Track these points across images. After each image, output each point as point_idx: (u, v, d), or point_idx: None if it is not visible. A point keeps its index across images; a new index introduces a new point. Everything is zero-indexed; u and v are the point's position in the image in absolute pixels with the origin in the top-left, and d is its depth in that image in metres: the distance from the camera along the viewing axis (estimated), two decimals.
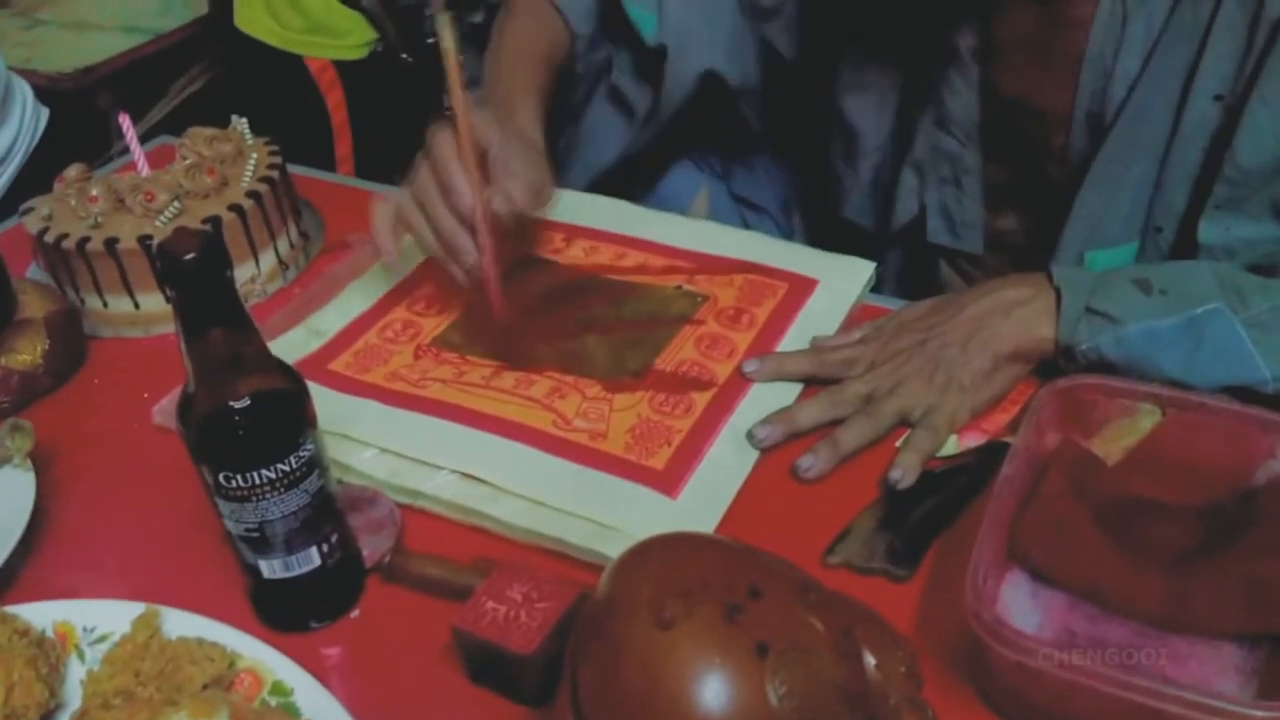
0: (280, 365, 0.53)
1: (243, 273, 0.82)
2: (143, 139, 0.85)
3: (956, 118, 0.80)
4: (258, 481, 0.51)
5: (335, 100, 1.31)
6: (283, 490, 0.52)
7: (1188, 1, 0.67)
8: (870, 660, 0.44)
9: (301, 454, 0.52)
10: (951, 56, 0.77)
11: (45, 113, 1.06)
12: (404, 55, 1.31)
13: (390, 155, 1.11)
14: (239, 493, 0.52)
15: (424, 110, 1.28)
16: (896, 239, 0.88)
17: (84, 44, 1.61)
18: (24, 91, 1.04)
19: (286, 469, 0.52)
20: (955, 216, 0.84)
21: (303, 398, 0.53)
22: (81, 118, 1.35)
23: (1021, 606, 0.55)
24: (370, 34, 1.31)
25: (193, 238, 0.48)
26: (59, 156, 1.03)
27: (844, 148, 0.89)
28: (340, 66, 1.30)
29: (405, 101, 1.31)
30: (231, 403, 0.50)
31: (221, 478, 0.51)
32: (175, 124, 1.16)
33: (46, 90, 1.24)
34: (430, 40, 1.28)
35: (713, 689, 0.37)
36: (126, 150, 0.85)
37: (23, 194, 0.99)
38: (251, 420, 0.51)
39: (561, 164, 1.00)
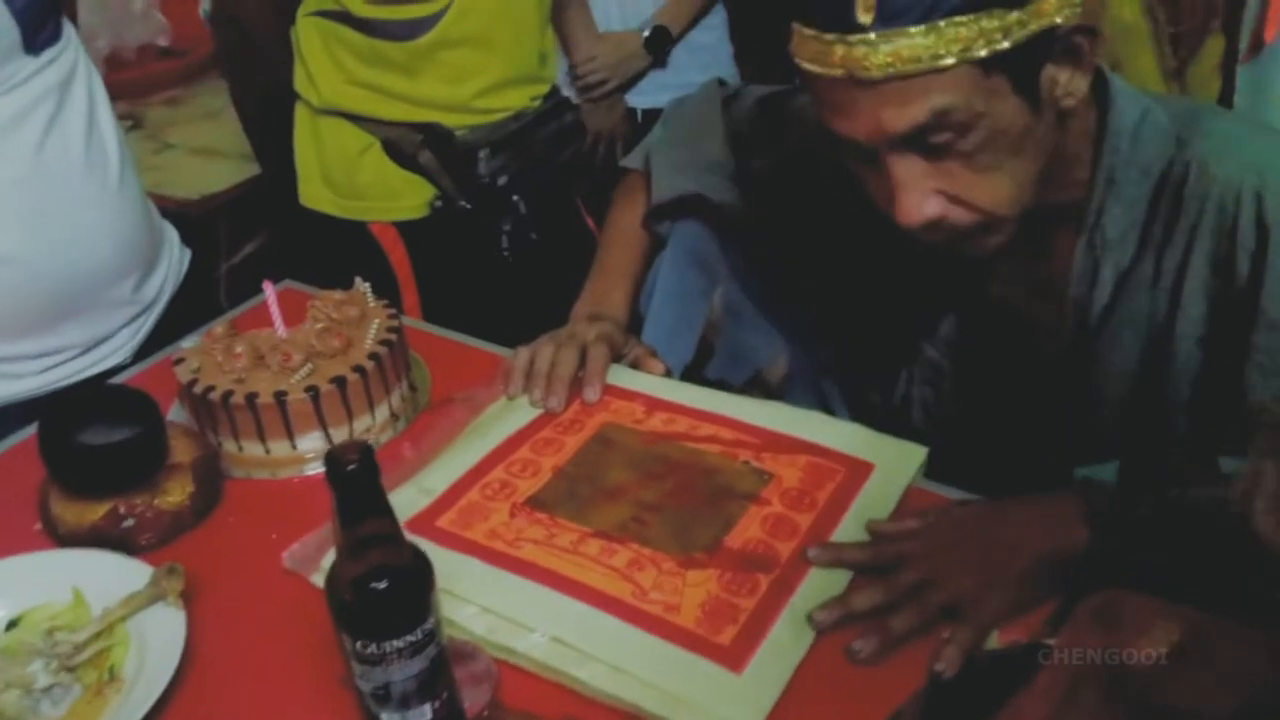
0: (413, 549, 0.62)
1: (359, 425, 0.93)
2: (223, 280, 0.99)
3: (941, 332, 0.90)
4: (388, 650, 0.60)
5: (399, 256, 1.38)
6: (408, 657, 0.61)
7: (1148, 257, 0.78)
8: None
9: (426, 626, 0.61)
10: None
11: (188, 255, 1.19)
12: (462, 203, 1.36)
13: (456, 301, 1.22)
14: (371, 657, 0.60)
15: (486, 253, 1.37)
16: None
17: (208, 170, 1.78)
18: (171, 237, 1.18)
19: (413, 639, 0.61)
20: (933, 412, 0.94)
21: (429, 577, 0.62)
22: (203, 243, 1.46)
23: None
24: (428, 191, 1.35)
25: (354, 449, 0.58)
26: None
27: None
28: (401, 225, 1.37)
29: (467, 247, 1.38)
30: (373, 583, 0.59)
31: (359, 644, 0.60)
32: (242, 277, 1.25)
33: (175, 215, 1.38)
34: (485, 182, 1.35)
35: None
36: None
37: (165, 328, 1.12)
38: (387, 598, 0.60)
39: None
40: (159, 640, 0.73)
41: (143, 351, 1.10)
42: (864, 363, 1.04)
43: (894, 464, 0.85)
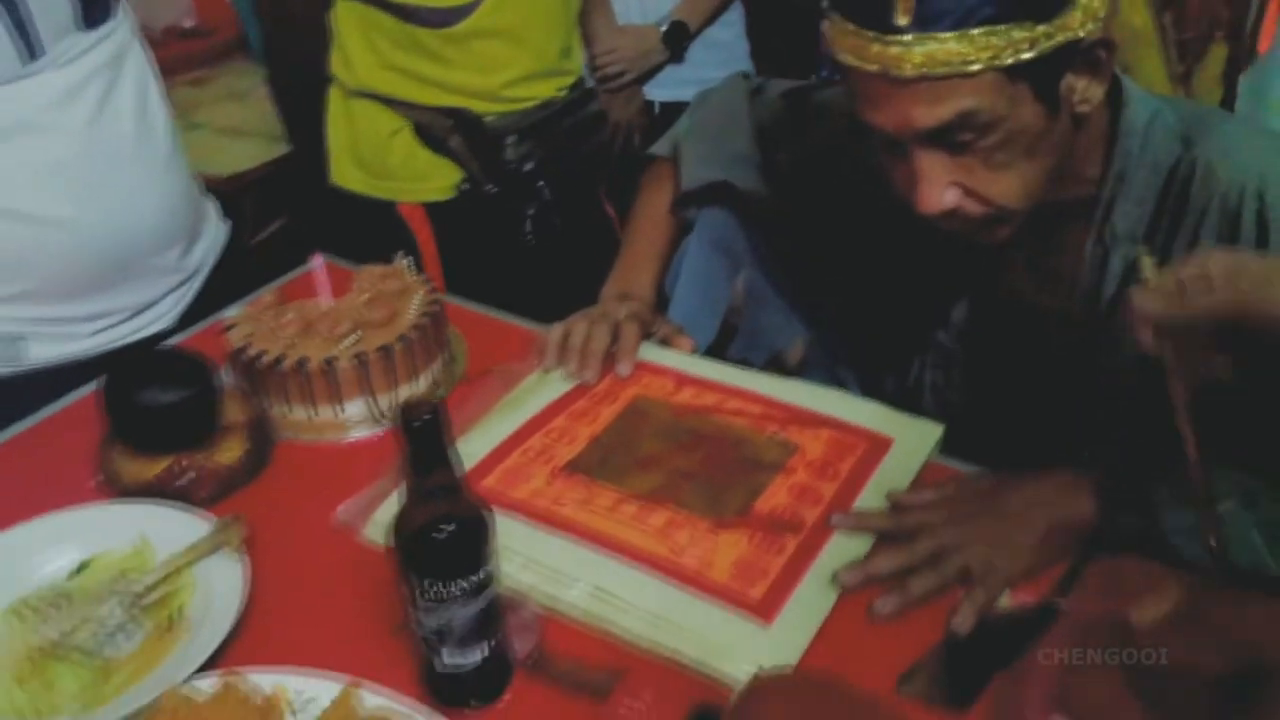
0: (475, 497, 0.67)
1: (402, 392, 0.97)
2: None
3: (954, 321, 0.95)
4: (452, 591, 0.65)
5: (425, 236, 1.42)
6: (469, 597, 0.66)
7: (1155, 250, 0.82)
8: None
9: (485, 570, 0.66)
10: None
11: (227, 227, 1.24)
12: (489, 187, 1.40)
13: (479, 281, 1.27)
14: (436, 597, 0.65)
15: (509, 236, 1.41)
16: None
17: (234, 149, 1.81)
18: (213, 209, 1.22)
19: (475, 579, 0.65)
20: (944, 398, 0.99)
21: (489, 525, 0.67)
22: (231, 219, 1.49)
23: None
24: (456, 175, 1.40)
25: (425, 404, 0.62)
26: None
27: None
28: (428, 206, 1.42)
29: (491, 230, 1.43)
30: (441, 527, 0.64)
31: (424, 585, 0.65)
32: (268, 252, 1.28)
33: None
34: (511, 168, 1.40)
35: None
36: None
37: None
38: (453, 542, 0.65)
39: None
40: (222, 586, 0.77)
41: (185, 319, 1.14)
42: (879, 348, 1.09)
43: (912, 439, 0.90)
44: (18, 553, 0.81)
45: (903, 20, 0.73)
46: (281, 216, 1.75)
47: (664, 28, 1.73)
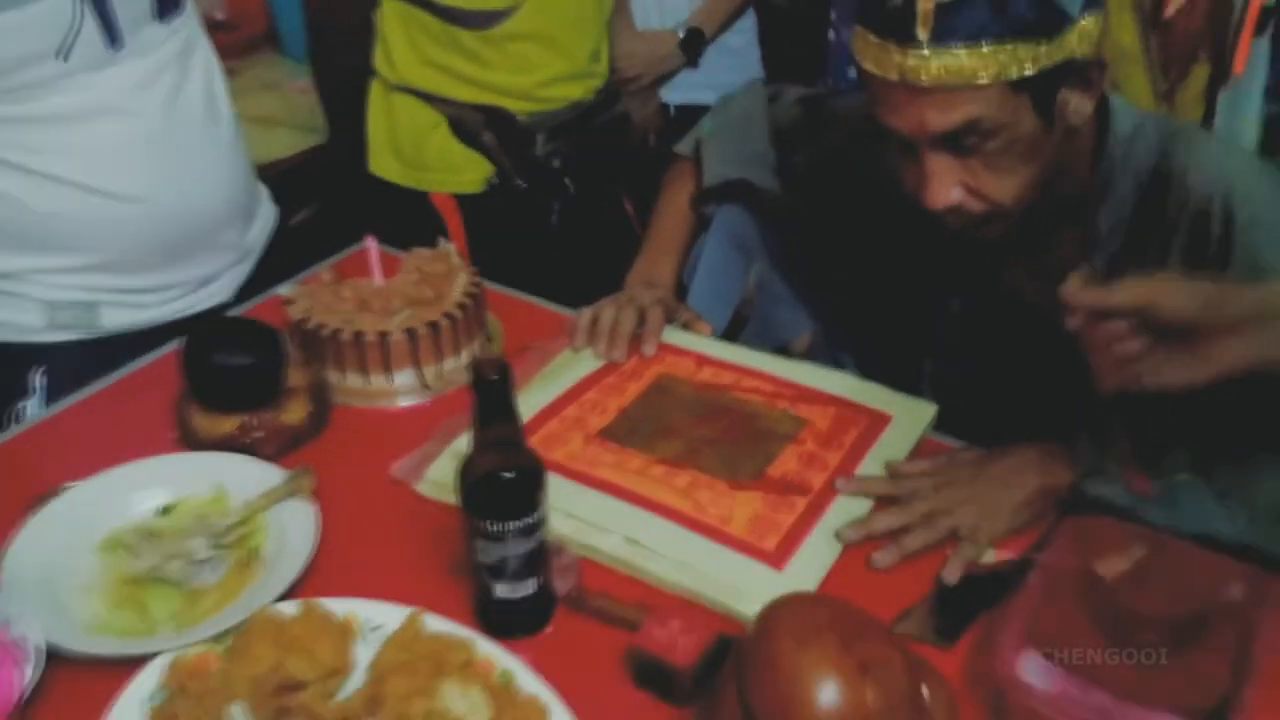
0: (531, 450, 0.77)
1: (446, 365, 1.07)
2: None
3: (953, 313, 1.04)
4: (509, 529, 0.75)
5: (455, 225, 1.51)
6: (523, 536, 0.75)
7: (1134, 247, 0.92)
8: (925, 692, 0.66)
9: (538, 513, 0.76)
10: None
11: (276, 211, 1.33)
12: (518, 181, 1.49)
13: (505, 270, 1.36)
14: (494, 534, 0.75)
15: (535, 228, 1.51)
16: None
17: (268, 138, 1.90)
18: (266, 193, 1.31)
19: (529, 521, 0.75)
20: (941, 385, 1.09)
21: (542, 474, 0.76)
22: None
23: (1033, 675, 0.76)
24: (487, 168, 1.49)
25: (495, 365, 0.72)
26: None
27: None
28: (460, 197, 1.51)
29: (519, 221, 1.52)
30: (503, 472, 0.74)
31: (486, 523, 0.75)
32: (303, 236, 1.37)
33: None
34: (540, 164, 1.49)
35: (830, 687, 0.60)
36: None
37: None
38: (513, 486, 0.74)
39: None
40: (294, 528, 0.87)
41: (242, 293, 1.23)
42: (881, 339, 1.18)
43: (909, 416, 1.00)
44: (111, 495, 0.90)
45: (922, 35, 0.82)
46: (311, 203, 1.84)
47: (681, 34, 1.82)
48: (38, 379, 1.11)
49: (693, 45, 1.82)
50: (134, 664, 0.75)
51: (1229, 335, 0.74)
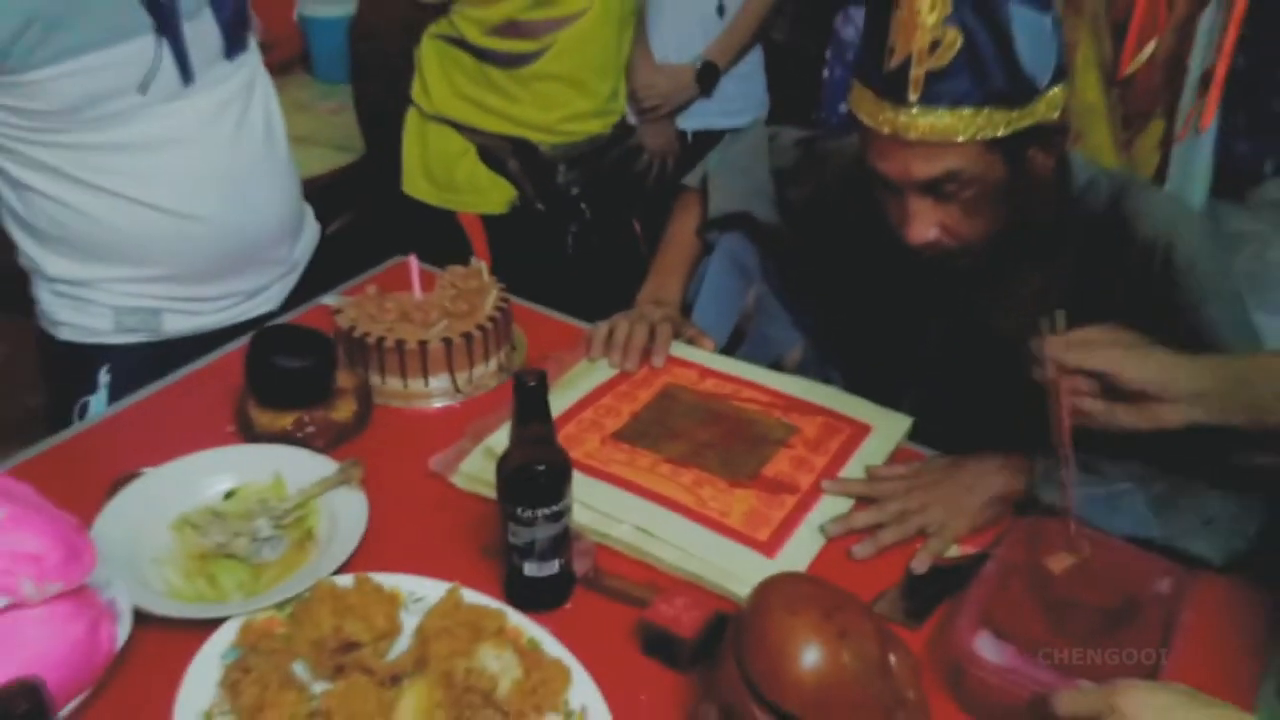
0: (560, 447, 0.89)
1: (476, 371, 1.19)
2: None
3: (931, 338, 1.16)
4: (539, 515, 0.87)
5: (480, 243, 1.64)
6: (551, 522, 0.87)
7: (1088, 286, 1.04)
8: (893, 659, 0.78)
9: (564, 502, 0.88)
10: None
11: (318, 228, 1.45)
12: (539, 205, 1.63)
13: (525, 283, 1.49)
14: (526, 519, 0.87)
15: (553, 249, 1.63)
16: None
17: (300, 156, 2.01)
18: (310, 211, 1.44)
19: (556, 508, 0.87)
20: (919, 401, 1.20)
21: (569, 468, 0.88)
22: None
23: (986, 651, 0.88)
24: (510, 193, 1.64)
25: (534, 374, 0.84)
26: None
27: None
28: (485, 218, 1.65)
29: (538, 242, 1.65)
30: (536, 465, 0.86)
31: (519, 510, 0.87)
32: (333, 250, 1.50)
33: None
34: (560, 191, 1.62)
35: (813, 649, 0.72)
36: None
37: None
38: (544, 477, 0.86)
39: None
40: (345, 513, 0.99)
41: (287, 302, 1.35)
42: (866, 357, 1.31)
43: (888, 427, 1.13)
44: (180, 480, 1.02)
45: (913, 98, 0.95)
46: (342, 217, 1.96)
47: (697, 66, 1.95)
48: (103, 376, 1.23)
49: (708, 77, 1.95)
50: (208, 626, 0.86)
51: (1174, 402, 0.87)
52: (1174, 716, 0.63)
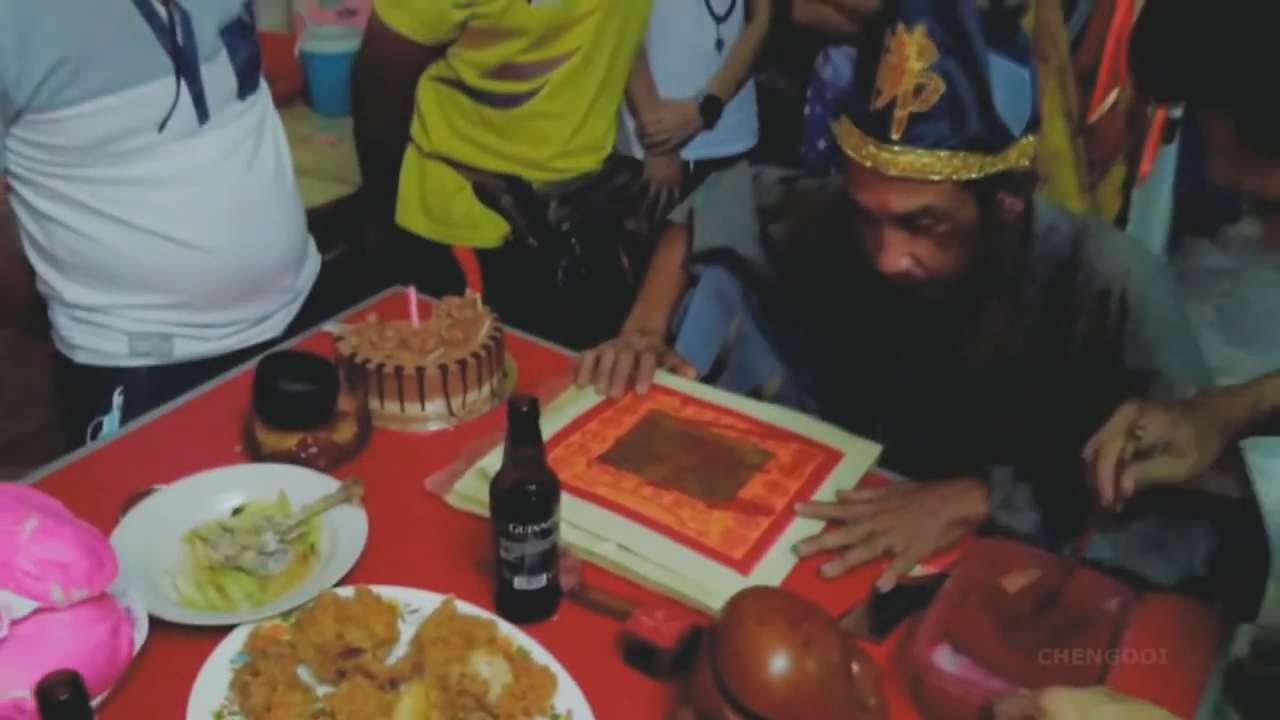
0: (550, 468, 0.95)
1: (470, 397, 1.25)
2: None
3: (903, 368, 1.23)
4: (529, 531, 0.93)
5: (474, 275, 1.71)
6: (539, 538, 0.94)
7: (1049, 322, 1.11)
8: (856, 667, 0.84)
9: (552, 520, 0.94)
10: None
11: (319, 258, 1.52)
12: (531, 240, 1.71)
13: (516, 314, 1.56)
14: (517, 535, 0.93)
15: (544, 282, 1.70)
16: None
17: (303, 188, 2.08)
18: (312, 243, 1.51)
19: (544, 525, 0.94)
20: (889, 429, 1.28)
21: (557, 488, 0.95)
22: None
23: (944, 662, 0.94)
24: (504, 228, 1.71)
25: (526, 398, 0.91)
26: None
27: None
28: (478, 251, 1.72)
29: (530, 275, 1.72)
30: (527, 485, 0.93)
31: (511, 526, 0.93)
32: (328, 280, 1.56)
33: None
34: (551, 226, 1.70)
35: (781, 656, 0.78)
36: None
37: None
38: (534, 496, 0.93)
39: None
40: (346, 529, 1.05)
41: (290, 329, 1.42)
42: (841, 387, 1.38)
43: (858, 454, 1.20)
44: (191, 496, 1.08)
45: (895, 136, 1.02)
46: (337, 248, 2.03)
47: (699, 99, 2.03)
48: (117, 397, 1.30)
49: (711, 109, 2.04)
50: (218, 633, 0.92)
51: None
52: (1092, 712, 0.70)
